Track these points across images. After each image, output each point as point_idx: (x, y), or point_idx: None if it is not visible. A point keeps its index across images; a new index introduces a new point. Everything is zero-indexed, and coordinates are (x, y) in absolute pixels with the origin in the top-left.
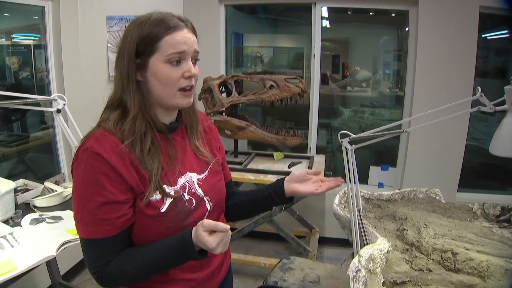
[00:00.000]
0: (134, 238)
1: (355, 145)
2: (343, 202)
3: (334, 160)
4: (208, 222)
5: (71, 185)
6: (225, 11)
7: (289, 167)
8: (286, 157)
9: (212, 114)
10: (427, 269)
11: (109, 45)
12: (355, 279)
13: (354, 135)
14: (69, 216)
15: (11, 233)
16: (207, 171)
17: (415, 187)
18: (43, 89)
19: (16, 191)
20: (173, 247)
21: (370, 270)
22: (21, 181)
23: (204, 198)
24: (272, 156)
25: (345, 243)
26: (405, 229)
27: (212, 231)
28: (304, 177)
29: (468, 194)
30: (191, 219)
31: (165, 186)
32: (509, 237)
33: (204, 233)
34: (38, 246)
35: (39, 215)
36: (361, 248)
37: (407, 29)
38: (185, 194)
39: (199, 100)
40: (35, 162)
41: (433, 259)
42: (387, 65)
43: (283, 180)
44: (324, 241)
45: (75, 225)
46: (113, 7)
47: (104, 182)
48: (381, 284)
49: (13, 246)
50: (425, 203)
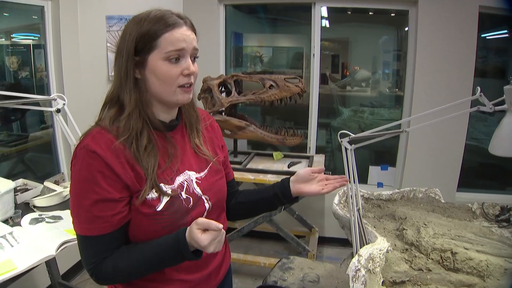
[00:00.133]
0: (130, 236)
1: (354, 144)
2: (342, 201)
3: (333, 159)
4: (201, 220)
5: None
6: (224, 10)
7: (288, 167)
8: (285, 156)
9: (211, 113)
10: (426, 268)
11: (108, 44)
12: (354, 279)
13: (353, 135)
14: (68, 215)
15: (11, 233)
16: (206, 170)
17: (415, 187)
18: (43, 88)
19: (15, 190)
20: (168, 245)
21: (369, 269)
22: (20, 181)
23: (202, 197)
24: (271, 155)
25: (345, 243)
26: (404, 229)
27: (206, 230)
28: (309, 177)
29: (467, 193)
30: (188, 218)
31: (162, 184)
32: (508, 236)
33: (197, 230)
34: (37, 245)
35: (39, 215)
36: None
37: (406, 29)
38: (183, 192)
39: (199, 100)
40: (35, 161)
41: (432, 259)
42: (387, 65)
43: (288, 179)
44: (323, 241)
45: (72, 222)
46: (113, 7)
47: (99, 179)
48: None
49: (12, 245)
50: (424, 202)
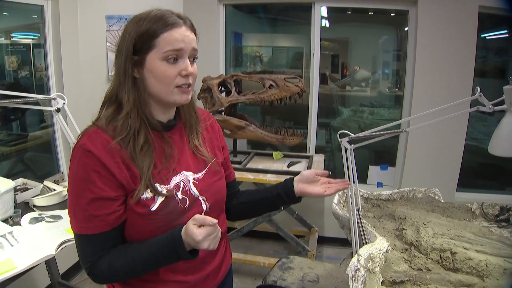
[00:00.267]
0: (126, 235)
1: (354, 144)
2: (342, 201)
3: (333, 159)
4: (198, 216)
5: None
6: (224, 10)
7: (288, 167)
8: (285, 156)
9: (211, 113)
10: (426, 268)
11: (108, 44)
12: (354, 278)
13: (353, 135)
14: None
15: (11, 232)
16: (204, 171)
17: (414, 187)
18: (42, 88)
19: (15, 190)
20: (163, 244)
21: (369, 269)
22: (20, 180)
23: (199, 197)
24: (271, 155)
25: (344, 243)
26: (404, 229)
27: (201, 225)
28: (313, 178)
29: (467, 193)
30: (184, 219)
31: (157, 184)
32: (507, 236)
33: (193, 226)
34: (37, 245)
35: (39, 214)
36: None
37: (406, 29)
38: (179, 193)
39: (198, 99)
40: (35, 161)
41: (432, 259)
42: (387, 64)
43: (291, 180)
44: (323, 241)
45: (69, 220)
46: (113, 7)
47: (94, 178)
48: (380, 283)
49: (12, 245)
50: (424, 202)
